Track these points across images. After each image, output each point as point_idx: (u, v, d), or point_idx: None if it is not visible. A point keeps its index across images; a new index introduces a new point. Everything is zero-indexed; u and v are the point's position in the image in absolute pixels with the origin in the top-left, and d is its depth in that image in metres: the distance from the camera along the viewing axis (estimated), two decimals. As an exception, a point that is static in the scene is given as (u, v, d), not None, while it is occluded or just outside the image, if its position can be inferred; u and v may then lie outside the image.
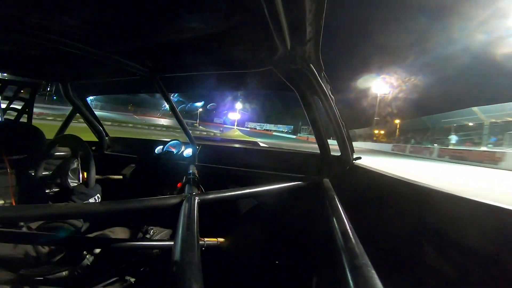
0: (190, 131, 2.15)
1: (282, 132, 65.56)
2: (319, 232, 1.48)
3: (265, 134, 57.64)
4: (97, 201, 1.50)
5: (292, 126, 66.49)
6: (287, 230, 1.98)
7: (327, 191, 1.29)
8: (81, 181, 1.63)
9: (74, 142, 1.81)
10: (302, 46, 0.89)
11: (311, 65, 1.05)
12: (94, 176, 1.53)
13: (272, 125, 71.59)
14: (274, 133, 62.83)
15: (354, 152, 1.63)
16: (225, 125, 68.05)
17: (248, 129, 69.17)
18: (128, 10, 0.77)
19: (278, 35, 0.78)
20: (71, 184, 1.58)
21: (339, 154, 1.64)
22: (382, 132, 43.15)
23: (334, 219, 0.90)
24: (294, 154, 2.00)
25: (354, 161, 1.62)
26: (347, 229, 0.78)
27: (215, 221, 2.12)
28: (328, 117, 1.44)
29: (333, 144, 1.57)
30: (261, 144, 2.77)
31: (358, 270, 0.54)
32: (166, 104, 1.91)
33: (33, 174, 1.53)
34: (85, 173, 1.74)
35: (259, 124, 75.68)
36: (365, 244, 0.67)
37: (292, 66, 1.06)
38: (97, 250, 1.32)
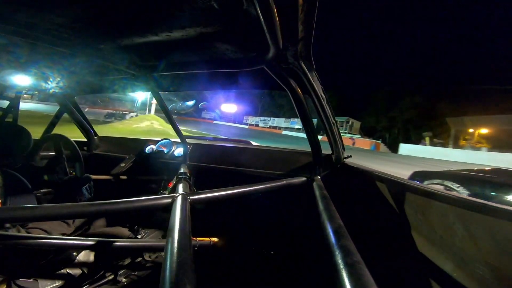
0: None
1: (297, 130, 41.91)
2: (311, 230, 1.50)
3: (269, 134, 35.21)
4: (89, 190, 1.48)
5: (316, 120, 38.49)
6: (280, 228, 1.99)
7: (319, 189, 1.30)
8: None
9: (61, 141, 1.77)
10: (294, 45, 0.90)
11: (302, 64, 1.05)
12: (83, 166, 1.53)
13: (282, 120, 48.88)
14: (284, 132, 41.77)
15: (345, 150, 1.65)
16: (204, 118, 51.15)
17: (247, 126, 50.43)
18: (118, 8, 0.76)
19: (270, 34, 0.78)
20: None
21: (330, 152, 1.66)
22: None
23: (326, 217, 0.91)
24: (285, 152, 2.01)
25: (345, 160, 1.64)
26: (339, 227, 0.79)
27: (207, 220, 2.12)
28: (319, 115, 1.45)
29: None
30: (253, 143, 2.77)
31: (351, 267, 0.55)
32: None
33: (19, 174, 1.50)
34: (73, 173, 1.71)
35: (263, 118, 53.55)
36: (357, 241, 0.68)
37: (284, 65, 1.07)
38: (88, 251, 1.30)
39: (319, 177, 1.50)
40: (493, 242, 0.67)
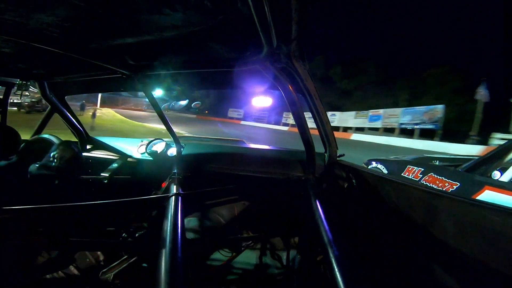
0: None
1: (390, 132, 23.42)
2: (305, 229, 1.51)
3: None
4: (52, 158, 1.45)
5: (442, 107, 19.92)
6: (273, 227, 2.00)
7: (312, 188, 1.31)
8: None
9: (51, 143, 1.74)
10: (288, 44, 0.90)
11: (296, 63, 1.06)
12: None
13: (351, 114, 28.11)
14: (354, 136, 23.80)
15: (338, 149, 1.66)
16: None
17: (287, 128, 30.59)
18: (109, 7, 0.75)
19: (263, 34, 0.78)
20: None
21: (323, 151, 1.67)
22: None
23: (320, 216, 0.92)
24: (279, 152, 2.01)
25: (338, 158, 1.66)
26: (332, 225, 0.80)
27: (200, 220, 2.11)
28: (312, 114, 1.46)
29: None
30: (247, 143, 2.79)
31: (344, 264, 0.56)
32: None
33: (9, 175, 1.47)
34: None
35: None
36: (350, 238, 0.69)
37: (277, 64, 1.07)
38: (81, 252, 1.29)
39: (312, 176, 1.51)
40: (484, 239, 0.68)
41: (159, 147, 2.25)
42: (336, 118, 29.45)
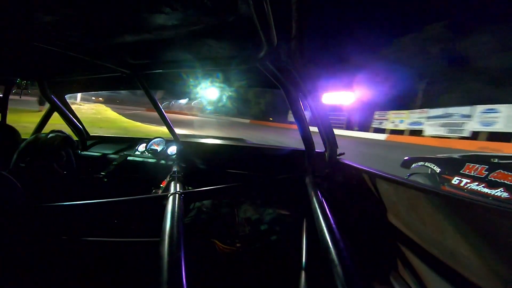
0: None
1: None
2: (305, 228, 1.51)
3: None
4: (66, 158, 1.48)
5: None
6: (273, 226, 2.00)
7: (312, 187, 1.31)
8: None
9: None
10: (287, 43, 0.90)
11: (295, 62, 1.06)
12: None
13: None
14: None
15: (338, 148, 1.66)
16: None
17: (384, 137, 22.22)
18: (108, 6, 0.75)
19: (263, 32, 0.78)
20: None
21: (323, 150, 1.67)
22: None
23: (320, 215, 0.92)
24: (279, 150, 2.01)
25: (338, 157, 1.66)
26: (331, 224, 0.80)
27: (200, 218, 2.12)
28: (312, 112, 1.46)
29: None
30: (248, 141, 2.79)
31: (343, 262, 0.56)
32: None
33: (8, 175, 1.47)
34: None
35: (440, 113, 18.88)
36: (350, 238, 0.69)
37: (277, 63, 1.07)
38: (80, 250, 1.29)
39: (312, 175, 1.51)
40: (481, 238, 0.68)
41: (159, 145, 2.25)
42: (501, 117, 15.88)
